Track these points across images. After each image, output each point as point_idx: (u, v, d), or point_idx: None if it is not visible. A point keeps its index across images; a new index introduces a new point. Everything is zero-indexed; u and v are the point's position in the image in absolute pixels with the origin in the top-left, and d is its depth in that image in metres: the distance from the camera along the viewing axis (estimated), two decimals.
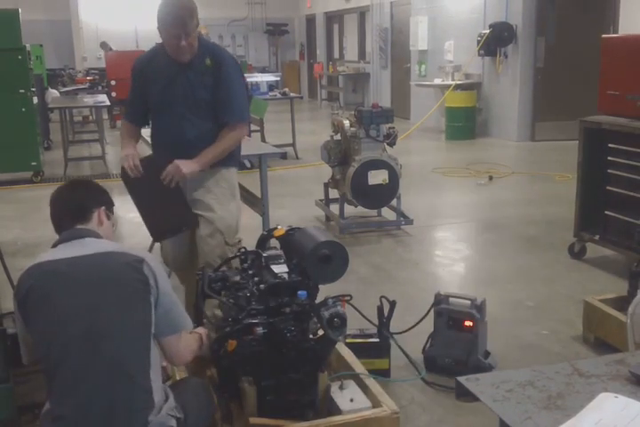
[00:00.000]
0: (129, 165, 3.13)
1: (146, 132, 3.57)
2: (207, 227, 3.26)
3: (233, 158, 3.37)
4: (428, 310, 3.26)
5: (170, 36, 3.06)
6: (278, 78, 12.24)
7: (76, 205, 2.19)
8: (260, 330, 2.36)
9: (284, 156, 8.18)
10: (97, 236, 2.14)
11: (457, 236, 5.67)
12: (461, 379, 1.60)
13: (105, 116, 11.31)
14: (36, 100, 8.51)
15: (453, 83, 10.61)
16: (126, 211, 4.51)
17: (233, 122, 3.23)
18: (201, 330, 2.46)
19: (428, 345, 3.26)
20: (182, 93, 3.17)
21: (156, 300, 2.03)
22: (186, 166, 3.10)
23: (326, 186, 5.94)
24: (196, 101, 3.18)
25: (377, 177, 5.39)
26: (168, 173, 3.10)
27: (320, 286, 2.58)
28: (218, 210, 3.27)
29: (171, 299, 2.09)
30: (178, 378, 2.56)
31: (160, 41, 3.19)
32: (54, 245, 2.14)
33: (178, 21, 3.01)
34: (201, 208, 3.27)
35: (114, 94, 12.36)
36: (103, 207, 2.21)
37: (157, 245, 5.13)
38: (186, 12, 3.02)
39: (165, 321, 2.08)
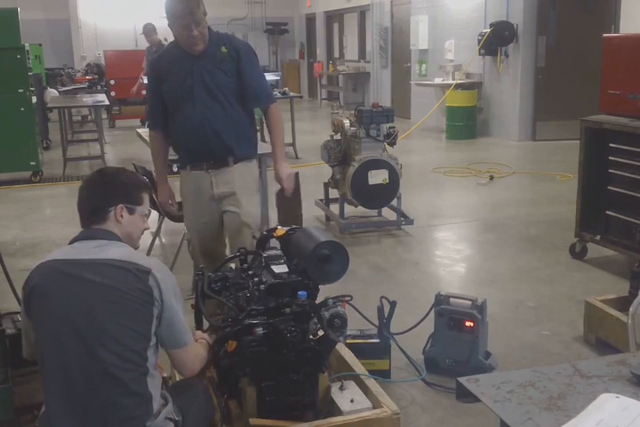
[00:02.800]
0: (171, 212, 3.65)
1: (144, 132, 3.58)
2: (235, 222, 3.33)
3: (253, 151, 3.44)
4: (429, 311, 3.25)
5: (180, 28, 3.10)
6: (278, 78, 12.24)
7: (91, 206, 2.15)
8: (259, 330, 2.35)
9: None
10: (112, 237, 2.11)
11: (457, 236, 5.66)
12: (462, 380, 1.59)
13: (104, 115, 11.32)
14: (34, 99, 8.50)
15: (454, 82, 10.60)
16: None
17: (271, 104, 3.35)
18: (204, 335, 2.45)
19: (428, 346, 3.25)
20: (202, 82, 3.19)
21: (159, 312, 2.01)
22: (288, 172, 3.29)
23: (326, 186, 5.93)
24: (217, 88, 3.21)
25: (377, 177, 5.38)
26: (288, 189, 3.28)
27: (320, 287, 2.57)
28: (244, 205, 3.33)
29: (173, 313, 2.05)
30: (177, 379, 2.56)
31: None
32: (72, 242, 2.13)
33: (185, 11, 3.05)
34: (228, 203, 3.34)
35: (113, 94, 12.39)
36: (121, 205, 2.14)
37: (155, 246, 5.12)
38: (192, 2, 3.06)
39: (168, 335, 2.07)
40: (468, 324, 3.11)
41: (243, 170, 3.35)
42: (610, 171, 4.42)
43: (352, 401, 2.50)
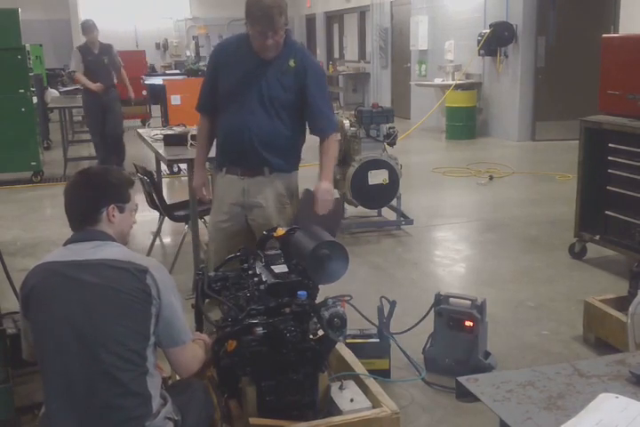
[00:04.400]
0: (203, 198, 3.42)
1: (145, 132, 3.54)
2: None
3: (291, 166, 3.30)
4: (429, 311, 3.26)
5: (256, 33, 2.98)
6: None
7: (83, 208, 2.14)
8: (259, 330, 2.36)
9: None
10: (106, 237, 2.11)
11: (457, 236, 5.67)
12: (462, 379, 1.60)
13: None
14: (35, 99, 8.50)
15: (454, 82, 10.61)
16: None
17: (330, 134, 3.21)
18: (202, 335, 2.45)
19: (428, 345, 3.26)
20: (257, 89, 3.09)
21: (157, 311, 2.01)
22: (329, 193, 3.12)
23: None
24: (269, 99, 3.10)
25: (377, 177, 5.39)
26: (324, 208, 3.07)
27: (320, 287, 2.57)
28: (276, 218, 3.22)
29: (172, 311, 2.05)
30: (177, 379, 2.56)
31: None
32: (65, 244, 2.13)
33: (266, 19, 2.92)
34: (258, 214, 3.23)
35: None
36: (112, 205, 2.14)
37: (160, 245, 5.13)
38: (275, 10, 2.91)
39: (166, 333, 2.06)
40: (467, 323, 3.12)
41: (278, 182, 3.21)
42: (609, 171, 4.42)
43: (352, 401, 2.51)
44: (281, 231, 2.76)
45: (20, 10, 7.53)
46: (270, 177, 3.20)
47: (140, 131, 5.78)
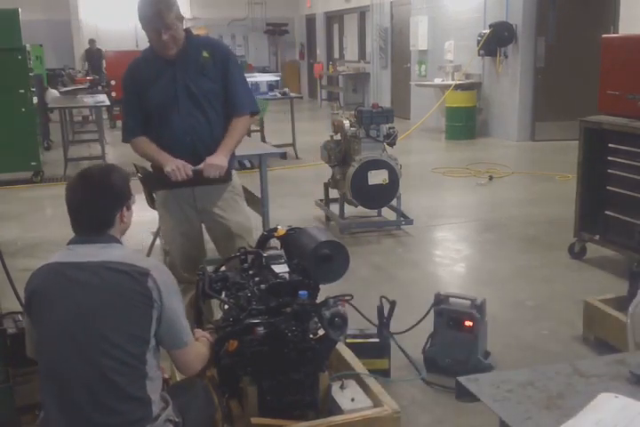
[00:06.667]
0: (182, 176, 3.03)
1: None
2: (227, 234, 3.25)
3: (233, 160, 3.32)
4: (428, 310, 3.26)
5: (150, 32, 3.01)
6: (278, 78, 12.25)
7: (98, 218, 2.08)
8: (260, 330, 2.36)
9: (283, 156, 8.18)
10: (111, 239, 2.09)
11: (457, 236, 5.67)
12: (461, 379, 1.60)
13: (105, 115, 11.32)
14: (35, 100, 8.50)
15: (453, 83, 10.62)
16: None
17: (248, 112, 3.23)
18: (205, 333, 2.45)
19: (428, 345, 3.26)
20: (185, 89, 3.10)
21: (159, 314, 2.00)
22: (219, 160, 3.07)
23: (326, 186, 5.94)
24: (203, 95, 3.11)
25: (377, 177, 5.39)
26: (208, 173, 3.05)
27: (320, 286, 2.58)
28: (232, 216, 3.25)
29: (173, 314, 2.04)
30: (178, 379, 2.56)
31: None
32: (69, 244, 2.11)
33: (155, 15, 2.96)
34: (214, 216, 3.25)
35: (114, 94, 12.39)
36: (124, 207, 2.13)
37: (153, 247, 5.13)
38: (162, 5, 2.96)
39: (168, 336, 2.06)
40: (467, 323, 3.12)
41: (223, 186, 3.24)
42: (609, 171, 4.43)
43: (353, 400, 2.51)
44: (281, 231, 2.76)
45: (20, 10, 7.54)
46: (218, 187, 3.21)
47: None
